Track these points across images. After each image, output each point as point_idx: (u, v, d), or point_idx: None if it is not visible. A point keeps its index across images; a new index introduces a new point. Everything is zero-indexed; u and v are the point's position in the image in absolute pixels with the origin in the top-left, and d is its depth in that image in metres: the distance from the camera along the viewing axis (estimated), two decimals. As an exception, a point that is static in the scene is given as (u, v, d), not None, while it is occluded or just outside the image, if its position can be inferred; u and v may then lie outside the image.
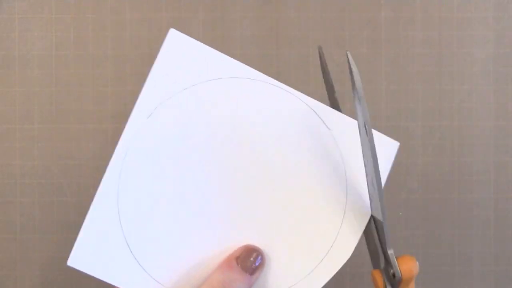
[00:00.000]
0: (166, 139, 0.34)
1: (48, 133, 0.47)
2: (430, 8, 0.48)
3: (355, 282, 0.48)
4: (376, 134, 0.34)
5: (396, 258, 0.33)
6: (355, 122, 0.34)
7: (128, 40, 0.48)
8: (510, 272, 0.48)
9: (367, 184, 0.34)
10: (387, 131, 0.48)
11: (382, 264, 0.34)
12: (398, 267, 0.33)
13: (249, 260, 0.33)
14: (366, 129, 0.31)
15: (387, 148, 0.35)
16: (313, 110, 0.35)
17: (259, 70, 0.34)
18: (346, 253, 0.34)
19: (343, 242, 0.34)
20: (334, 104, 0.38)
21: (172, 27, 0.34)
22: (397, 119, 0.48)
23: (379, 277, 0.34)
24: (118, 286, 0.33)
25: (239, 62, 0.34)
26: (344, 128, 0.35)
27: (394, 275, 0.33)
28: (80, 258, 0.33)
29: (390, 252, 0.33)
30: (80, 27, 0.48)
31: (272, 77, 0.35)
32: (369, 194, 0.34)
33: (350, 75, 0.31)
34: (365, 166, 0.33)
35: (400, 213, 0.48)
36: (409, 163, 0.48)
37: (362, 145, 0.33)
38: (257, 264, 0.33)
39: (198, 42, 0.34)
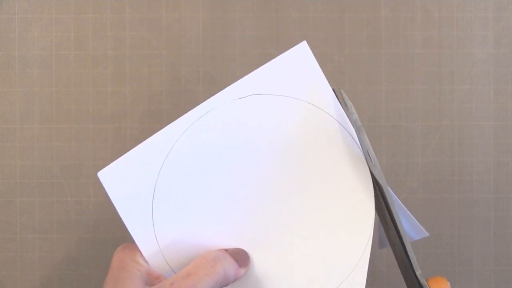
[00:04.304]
0: (235, 127, 0.35)
1: (48, 133, 0.47)
2: (430, 8, 0.48)
3: None
4: (411, 219, 0.36)
5: (427, 280, 0.33)
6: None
7: (128, 40, 0.48)
8: (510, 272, 0.48)
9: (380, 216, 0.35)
10: (387, 131, 0.48)
11: None
12: None
13: (237, 254, 0.34)
14: (370, 157, 0.33)
15: (416, 232, 0.37)
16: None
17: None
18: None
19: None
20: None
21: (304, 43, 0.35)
22: (397, 119, 0.48)
23: None
24: (123, 219, 0.34)
25: (338, 103, 0.35)
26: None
27: None
28: (110, 177, 0.34)
29: (418, 273, 0.33)
30: (80, 27, 0.48)
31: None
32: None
33: (345, 110, 0.34)
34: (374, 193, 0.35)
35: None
36: (409, 163, 0.48)
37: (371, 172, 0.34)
38: (244, 260, 0.34)
39: (317, 65, 0.35)
